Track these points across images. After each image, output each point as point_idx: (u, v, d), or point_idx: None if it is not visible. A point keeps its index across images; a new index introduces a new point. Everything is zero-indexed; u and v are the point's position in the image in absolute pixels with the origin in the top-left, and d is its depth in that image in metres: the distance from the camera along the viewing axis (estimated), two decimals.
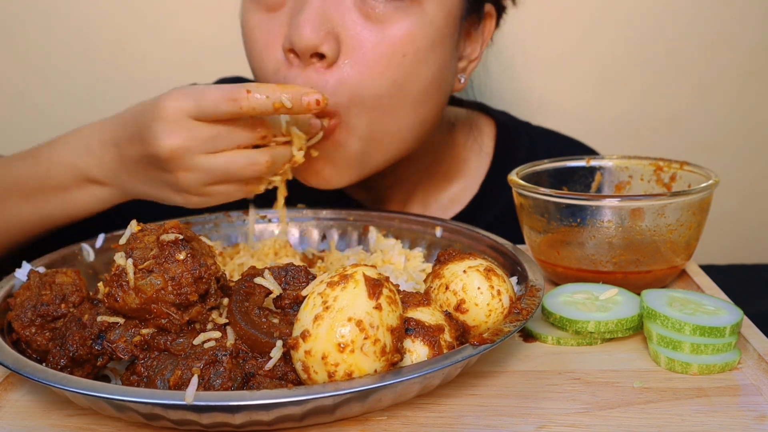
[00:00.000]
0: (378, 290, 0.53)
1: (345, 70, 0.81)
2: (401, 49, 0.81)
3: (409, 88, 0.83)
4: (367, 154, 0.86)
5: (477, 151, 1.08)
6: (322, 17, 0.79)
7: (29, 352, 0.63)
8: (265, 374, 0.55)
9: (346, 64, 0.81)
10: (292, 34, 0.80)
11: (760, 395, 0.58)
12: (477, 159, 1.08)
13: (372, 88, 0.81)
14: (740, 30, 1.46)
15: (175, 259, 0.57)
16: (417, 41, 0.82)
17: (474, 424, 0.55)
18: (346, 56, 0.81)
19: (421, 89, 0.84)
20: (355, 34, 0.81)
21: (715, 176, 0.79)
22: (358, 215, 0.90)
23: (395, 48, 0.81)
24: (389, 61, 0.81)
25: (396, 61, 0.81)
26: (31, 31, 1.45)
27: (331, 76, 0.80)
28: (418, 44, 0.82)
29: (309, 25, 0.78)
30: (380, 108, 0.83)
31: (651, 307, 0.65)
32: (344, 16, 0.81)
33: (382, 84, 0.81)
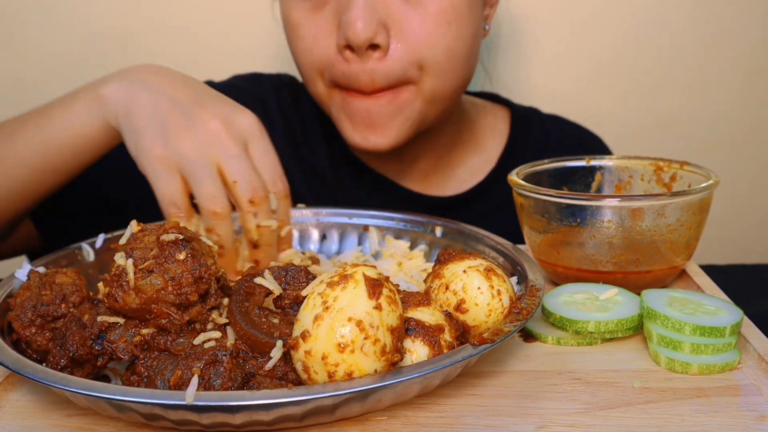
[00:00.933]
0: (378, 290, 0.53)
1: (399, 53, 0.89)
2: (445, 19, 0.90)
3: (459, 50, 0.93)
4: (425, 113, 0.95)
5: (492, 130, 1.16)
6: (370, 11, 0.86)
7: (29, 352, 0.63)
8: (265, 374, 0.55)
9: (400, 46, 0.89)
10: (347, 31, 0.86)
11: (760, 395, 0.58)
12: (492, 138, 1.15)
13: (430, 58, 0.90)
14: (740, 29, 1.46)
15: (175, 259, 0.57)
16: (456, 8, 0.91)
17: (474, 424, 0.55)
18: (398, 39, 0.89)
19: (468, 47, 0.94)
20: (401, 18, 0.89)
21: (715, 176, 0.79)
22: (358, 215, 0.90)
23: (439, 20, 0.90)
24: (437, 33, 0.90)
25: (443, 31, 0.90)
26: (31, 31, 1.45)
27: (391, 62, 0.89)
28: (457, 11, 0.91)
29: (361, 21, 0.85)
30: (441, 74, 0.92)
31: (651, 307, 0.65)
32: (388, 4, 0.88)
33: (436, 53, 0.91)
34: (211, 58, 1.46)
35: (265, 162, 0.77)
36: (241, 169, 0.74)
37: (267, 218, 0.76)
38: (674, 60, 1.48)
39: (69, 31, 1.45)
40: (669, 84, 1.49)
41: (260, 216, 0.76)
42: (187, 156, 0.74)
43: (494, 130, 1.16)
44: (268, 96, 1.15)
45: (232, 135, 0.75)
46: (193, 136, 0.74)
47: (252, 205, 0.75)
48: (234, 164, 0.74)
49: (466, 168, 1.13)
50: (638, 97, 1.50)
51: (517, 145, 1.14)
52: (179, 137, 0.74)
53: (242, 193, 0.74)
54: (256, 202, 0.75)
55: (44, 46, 1.46)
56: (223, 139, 0.75)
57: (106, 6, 1.44)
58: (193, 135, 0.74)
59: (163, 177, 0.74)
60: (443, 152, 1.10)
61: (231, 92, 1.19)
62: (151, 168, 0.74)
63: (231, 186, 0.74)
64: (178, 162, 0.74)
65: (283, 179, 0.79)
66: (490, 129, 1.16)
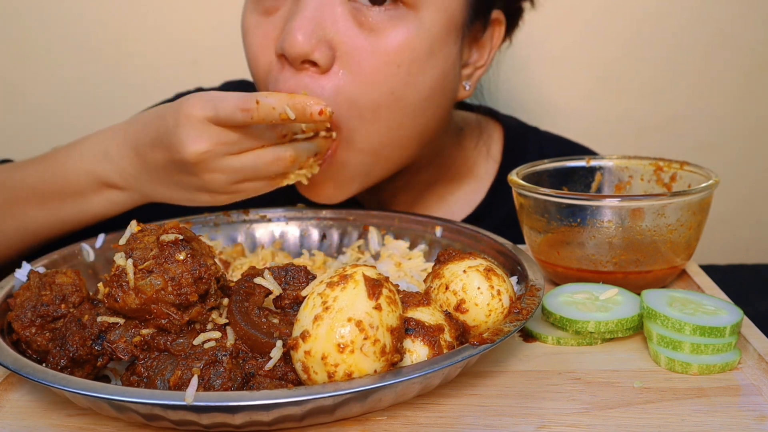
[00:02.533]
0: (378, 290, 0.53)
1: (340, 77, 0.80)
2: (396, 58, 0.80)
3: (407, 98, 0.82)
4: (369, 166, 0.85)
5: (485, 156, 1.08)
6: (314, 24, 0.78)
7: (29, 352, 0.63)
8: (265, 374, 0.55)
9: (342, 72, 0.80)
10: (283, 40, 0.79)
11: (760, 395, 0.58)
12: (485, 164, 1.07)
13: (369, 98, 0.80)
14: (740, 30, 1.46)
15: (175, 260, 0.57)
16: (413, 50, 0.80)
17: (474, 424, 0.55)
18: (341, 65, 0.80)
19: (419, 98, 0.83)
20: (349, 42, 0.79)
21: (715, 176, 0.79)
22: (358, 215, 0.90)
23: (390, 57, 0.79)
24: (385, 70, 0.79)
25: (392, 71, 0.80)
26: (31, 31, 1.45)
27: (327, 81, 0.80)
28: (414, 53, 0.80)
29: (300, 32, 0.77)
30: (379, 119, 0.81)
31: (651, 307, 0.65)
32: (338, 24, 0.79)
33: (379, 94, 0.80)
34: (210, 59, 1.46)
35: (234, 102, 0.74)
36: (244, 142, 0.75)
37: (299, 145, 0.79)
38: (674, 60, 1.48)
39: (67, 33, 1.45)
40: (669, 84, 1.49)
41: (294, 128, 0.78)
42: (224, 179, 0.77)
43: (487, 156, 1.08)
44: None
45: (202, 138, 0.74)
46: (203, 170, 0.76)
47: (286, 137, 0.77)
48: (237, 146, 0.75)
49: (453, 200, 1.06)
50: (638, 97, 1.50)
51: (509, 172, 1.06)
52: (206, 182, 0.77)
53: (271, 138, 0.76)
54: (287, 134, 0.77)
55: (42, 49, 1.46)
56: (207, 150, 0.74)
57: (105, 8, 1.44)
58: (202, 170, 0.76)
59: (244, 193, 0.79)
60: (426, 187, 1.04)
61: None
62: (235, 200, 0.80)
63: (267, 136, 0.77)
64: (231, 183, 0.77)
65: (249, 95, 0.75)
66: (483, 155, 1.08)
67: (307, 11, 0.78)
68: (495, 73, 1.24)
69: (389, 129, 0.83)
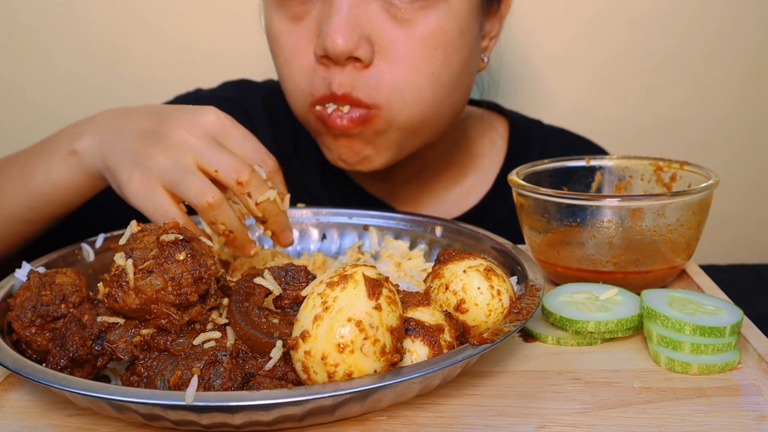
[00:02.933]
0: (378, 290, 0.53)
1: (382, 69, 0.85)
2: (432, 43, 0.85)
3: (444, 78, 0.87)
4: (406, 140, 0.91)
5: (490, 147, 1.11)
6: (352, 23, 0.82)
7: (29, 352, 0.63)
8: (265, 374, 0.55)
9: (383, 63, 0.85)
10: (324, 42, 0.82)
11: (760, 395, 0.58)
12: (490, 155, 1.11)
13: (412, 84, 0.85)
14: (740, 30, 1.46)
15: (175, 260, 0.57)
16: (446, 33, 0.86)
17: (474, 424, 0.55)
18: (381, 57, 0.85)
19: (454, 76, 0.89)
20: (386, 36, 0.84)
21: (715, 176, 0.79)
22: (358, 215, 0.90)
23: (427, 43, 0.85)
24: (423, 56, 0.85)
25: (429, 55, 0.85)
26: (31, 31, 1.45)
27: (370, 73, 0.84)
28: (447, 36, 0.86)
29: (340, 33, 0.81)
30: (421, 101, 0.87)
31: (651, 307, 0.65)
32: (373, 20, 0.84)
33: (420, 78, 0.85)
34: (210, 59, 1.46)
35: (245, 146, 0.76)
36: (217, 157, 0.74)
37: (262, 193, 0.75)
38: (674, 60, 1.48)
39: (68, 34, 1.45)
40: (669, 84, 1.49)
41: (254, 193, 0.75)
42: (163, 168, 0.73)
43: (492, 147, 1.11)
44: (255, 107, 1.12)
45: (199, 135, 0.75)
46: (163, 150, 0.74)
47: (241, 186, 0.74)
48: (209, 156, 0.74)
49: (461, 189, 1.09)
50: (638, 97, 1.50)
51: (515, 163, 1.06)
52: (150, 157, 0.74)
53: (227, 177, 0.74)
54: (243, 183, 0.74)
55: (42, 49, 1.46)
56: (191, 141, 0.74)
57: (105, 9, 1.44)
58: (163, 149, 0.74)
59: (149, 198, 0.73)
60: (435, 175, 1.07)
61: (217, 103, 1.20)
62: (136, 197, 0.74)
63: (215, 177, 0.74)
64: (156, 178, 0.73)
65: (270, 156, 0.78)
66: (488, 146, 1.11)
67: (342, 12, 0.82)
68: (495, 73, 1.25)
69: (429, 108, 0.88)
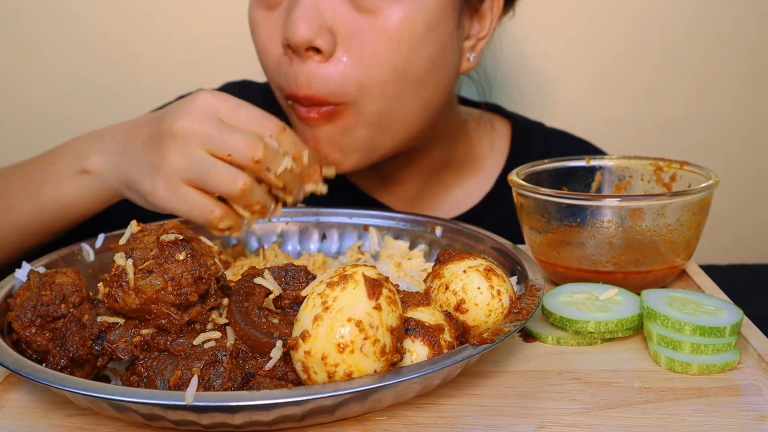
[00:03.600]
0: (378, 290, 0.53)
1: (344, 62, 0.82)
2: (396, 36, 0.82)
3: (410, 73, 0.85)
4: (375, 140, 0.88)
5: (491, 149, 1.10)
6: (314, 12, 0.81)
7: (29, 352, 0.63)
8: (265, 374, 0.55)
9: (345, 57, 0.83)
10: (286, 31, 0.81)
11: (760, 395, 0.58)
12: (491, 156, 1.10)
13: (374, 77, 0.83)
14: (740, 29, 1.46)
15: (175, 260, 0.57)
16: (411, 27, 0.83)
17: (474, 424, 0.55)
18: (343, 49, 0.82)
19: (422, 72, 0.86)
20: (349, 26, 0.82)
21: (715, 176, 0.79)
22: (358, 215, 0.90)
23: (390, 36, 0.82)
24: (386, 49, 0.83)
25: (392, 48, 0.83)
26: (31, 31, 1.45)
27: (332, 68, 0.82)
28: (412, 29, 0.83)
29: (301, 21, 0.80)
30: (385, 95, 0.85)
31: (651, 307, 0.65)
32: (336, 10, 0.82)
33: (383, 72, 0.83)
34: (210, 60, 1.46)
35: (242, 116, 0.76)
36: (228, 140, 0.74)
37: (278, 163, 0.75)
38: (674, 60, 1.48)
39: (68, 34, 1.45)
40: (669, 84, 1.49)
41: (273, 165, 0.75)
42: (180, 166, 0.74)
43: (492, 148, 1.11)
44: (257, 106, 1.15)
45: (199, 120, 0.75)
46: (171, 148, 0.74)
47: (258, 164, 0.74)
48: (217, 142, 0.74)
49: (460, 190, 1.08)
50: (638, 97, 1.50)
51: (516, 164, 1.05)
52: (163, 159, 0.74)
53: (242, 158, 0.74)
54: (260, 160, 0.74)
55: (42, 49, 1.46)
56: (194, 130, 0.74)
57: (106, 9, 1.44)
58: (171, 147, 0.74)
59: (180, 200, 0.74)
60: (435, 175, 1.06)
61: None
62: (167, 201, 0.74)
63: (230, 161, 0.74)
64: (179, 178, 0.74)
65: (269, 118, 0.77)
66: (488, 147, 1.11)
67: (307, 1, 0.81)
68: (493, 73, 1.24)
69: (394, 103, 0.86)
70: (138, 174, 0.77)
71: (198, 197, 0.74)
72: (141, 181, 0.77)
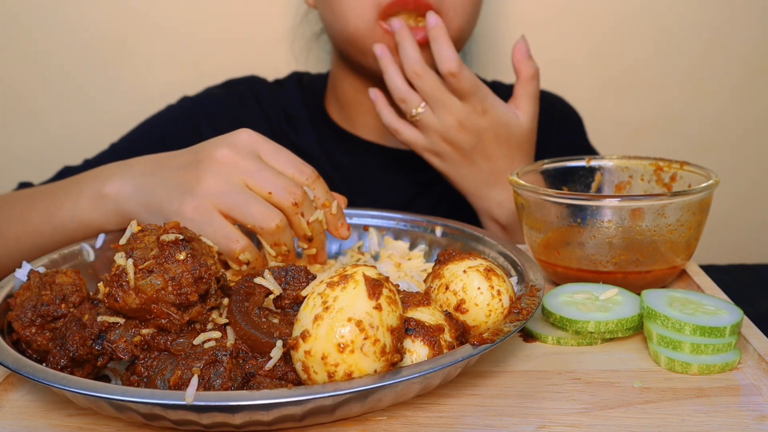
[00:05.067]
0: (378, 290, 0.53)
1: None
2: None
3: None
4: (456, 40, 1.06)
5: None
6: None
7: (29, 352, 0.63)
8: (265, 374, 0.55)
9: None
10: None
11: (760, 395, 0.58)
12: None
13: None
14: (740, 29, 1.46)
15: (176, 260, 0.57)
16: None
17: (474, 424, 0.55)
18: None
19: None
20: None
21: (715, 176, 0.79)
22: (358, 215, 0.90)
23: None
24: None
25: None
26: (31, 31, 1.45)
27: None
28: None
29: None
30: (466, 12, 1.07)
31: (651, 307, 0.65)
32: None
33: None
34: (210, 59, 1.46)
35: (282, 159, 0.77)
36: (270, 178, 0.74)
37: (312, 212, 0.76)
38: (674, 60, 1.48)
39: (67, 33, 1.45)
40: (669, 84, 1.49)
41: (306, 213, 0.76)
42: (216, 192, 0.73)
43: None
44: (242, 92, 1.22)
45: (241, 153, 0.75)
46: (210, 172, 0.74)
47: (296, 207, 0.75)
48: (261, 178, 0.74)
49: None
50: (638, 97, 1.50)
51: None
52: (199, 182, 0.74)
53: (282, 200, 0.74)
54: (299, 204, 0.75)
55: (42, 49, 1.46)
56: (236, 161, 0.75)
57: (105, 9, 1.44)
58: (209, 172, 0.74)
59: (207, 224, 0.73)
60: None
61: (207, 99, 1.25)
62: (192, 223, 0.73)
63: (268, 198, 0.74)
64: (211, 202, 0.73)
65: (306, 165, 0.78)
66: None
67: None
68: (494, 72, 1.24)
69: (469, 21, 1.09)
70: (165, 194, 0.76)
71: (226, 224, 0.73)
72: (168, 201, 0.76)
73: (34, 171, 1.38)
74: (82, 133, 1.48)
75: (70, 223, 0.84)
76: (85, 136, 1.47)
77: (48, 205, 0.86)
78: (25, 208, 0.88)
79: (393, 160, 1.19)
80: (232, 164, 0.74)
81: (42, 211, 0.86)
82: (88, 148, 1.25)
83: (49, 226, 0.85)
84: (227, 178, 0.74)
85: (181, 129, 1.20)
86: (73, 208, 0.83)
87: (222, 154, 0.75)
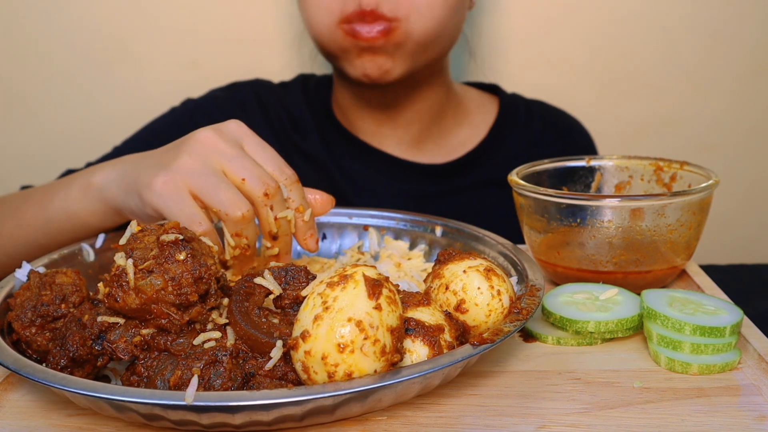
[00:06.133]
0: (378, 290, 0.53)
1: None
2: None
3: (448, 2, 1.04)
4: (418, 54, 1.06)
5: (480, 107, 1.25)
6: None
7: (29, 352, 0.63)
8: (265, 374, 0.55)
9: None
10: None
11: (760, 395, 0.58)
12: (482, 114, 1.25)
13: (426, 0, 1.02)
14: (740, 29, 1.46)
15: (175, 260, 0.57)
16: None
17: (474, 424, 0.55)
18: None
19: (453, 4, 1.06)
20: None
21: (715, 176, 0.79)
22: (358, 215, 0.90)
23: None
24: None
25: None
26: (31, 31, 1.45)
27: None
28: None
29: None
30: (433, 16, 1.03)
31: (651, 307, 0.65)
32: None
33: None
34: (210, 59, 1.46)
35: (264, 155, 0.76)
36: (247, 165, 0.73)
37: (282, 209, 0.75)
38: (674, 60, 1.48)
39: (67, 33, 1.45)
40: (669, 84, 1.49)
41: (276, 208, 0.75)
42: (190, 170, 0.72)
43: (482, 107, 1.25)
44: (246, 96, 1.22)
45: (224, 138, 0.75)
46: (188, 151, 0.74)
47: (267, 198, 0.74)
48: (237, 163, 0.73)
49: (455, 138, 1.21)
50: (638, 97, 1.50)
51: (505, 123, 1.22)
52: (175, 159, 0.73)
53: (254, 188, 0.73)
54: (270, 195, 0.74)
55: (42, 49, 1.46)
56: (219, 143, 0.74)
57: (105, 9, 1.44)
58: (188, 151, 0.74)
59: (174, 200, 0.72)
60: (434, 119, 1.19)
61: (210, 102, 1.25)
62: (160, 197, 0.72)
63: (240, 185, 0.73)
64: (183, 180, 0.72)
65: (287, 166, 0.78)
66: (477, 105, 1.25)
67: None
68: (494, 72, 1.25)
69: (439, 24, 1.04)
70: (142, 172, 0.75)
71: (192, 205, 0.72)
72: (143, 175, 0.75)
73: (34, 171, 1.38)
74: (82, 133, 1.48)
75: (61, 214, 0.84)
76: (85, 136, 1.47)
77: (41, 198, 0.87)
78: (20, 204, 0.89)
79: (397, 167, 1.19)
80: (212, 146, 0.74)
81: (36, 204, 0.87)
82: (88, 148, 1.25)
83: (42, 219, 0.85)
84: (205, 159, 0.73)
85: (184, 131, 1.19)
86: (64, 200, 0.83)
87: (205, 136, 0.74)
